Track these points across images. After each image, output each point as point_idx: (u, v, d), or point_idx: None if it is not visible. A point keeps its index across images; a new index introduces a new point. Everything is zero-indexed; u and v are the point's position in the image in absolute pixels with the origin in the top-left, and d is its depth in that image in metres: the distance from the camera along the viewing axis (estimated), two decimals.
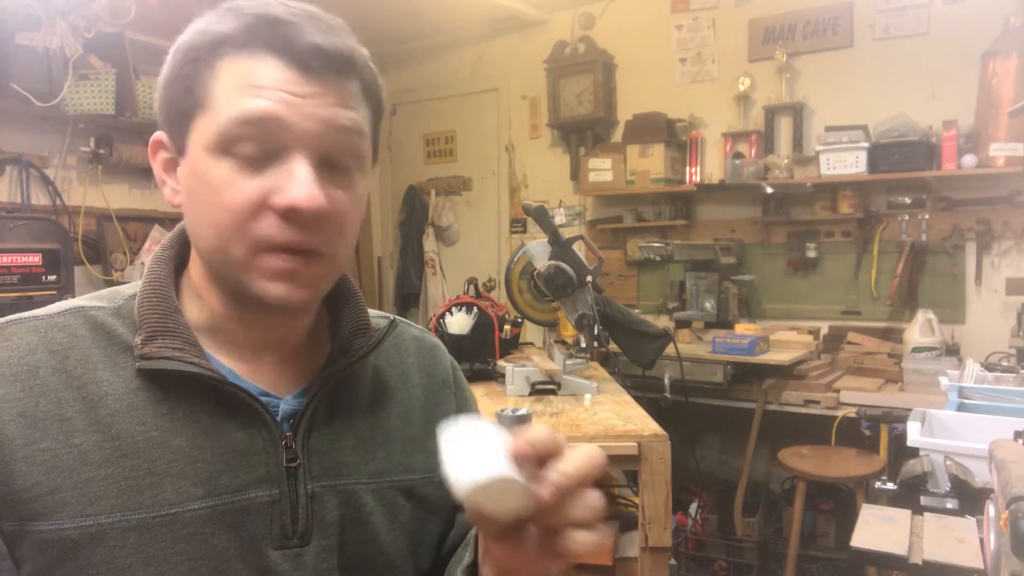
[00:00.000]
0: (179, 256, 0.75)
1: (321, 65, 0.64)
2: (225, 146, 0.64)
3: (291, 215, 0.63)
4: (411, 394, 0.83)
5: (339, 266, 0.71)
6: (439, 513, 0.81)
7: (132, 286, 0.74)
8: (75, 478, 0.63)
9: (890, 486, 1.64)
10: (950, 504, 1.52)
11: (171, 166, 0.70)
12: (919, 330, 3.13)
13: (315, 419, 0.73)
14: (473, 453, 0.53)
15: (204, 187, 0.65)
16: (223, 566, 0.66)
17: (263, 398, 0.70)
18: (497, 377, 2.31)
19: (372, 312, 0.84)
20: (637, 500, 1.76)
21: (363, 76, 0.68)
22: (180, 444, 0.66)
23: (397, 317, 0.87)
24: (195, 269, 0.73)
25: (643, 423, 1.79)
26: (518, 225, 4.63)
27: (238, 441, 0.68)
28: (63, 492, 0.62)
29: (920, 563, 1.25)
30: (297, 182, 0.63)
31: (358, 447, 0.75)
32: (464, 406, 0.88)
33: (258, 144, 0.63)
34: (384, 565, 0.76)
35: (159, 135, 0.70)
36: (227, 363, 0.72)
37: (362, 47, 0.69)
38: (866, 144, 3.26)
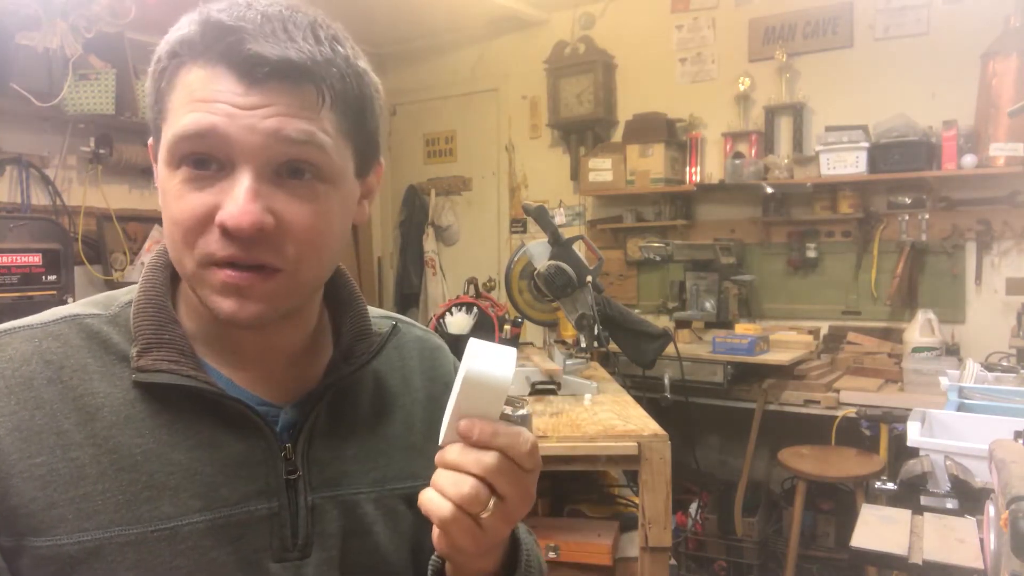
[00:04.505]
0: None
1: (265, 75, 0.60)
2: (175, 160, 0.63)
3: (228, 231, 0.61)
4: (413, 399, 0.82)
5: (306, 281, 0.67)
6: None
7: (128, 291, 0.73)
8: (72, 493, 0.62)
9: (890, 486, 1.64)
10: (950, 504, 1.52)
11: None
12: (919, 330, 3.13)
13: (315, 429, 0.72)
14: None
15: (163, 199, 0.65)
16: None
17: (262, 408, 0.69)
18: None
19: (374, 311, 0.83)
20: (637, 500, 1.76)
21: (327, 81, 0.63)
22: (178, 457, 0.65)
23: (399, 318, 0.86)
24: None
25: (643, 423, 1.79)
26: (518, 225, 4.63)
27: (237, 453, 0.67)
28: (60, 507, 0.61)
29: (920, 563, 1.25)
30: (232, 199, 0.61)
31: (359, 456, 0.75)
32: None
33: (204, 157, 0.62)
34: (386, 574, 0.75)
35: (150, 142, 0.69)
36: (225, 372, 0.70)
37: (338, 48, 0.65)
38: (866, 144, 3.26)
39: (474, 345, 0.61)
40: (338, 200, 0.67)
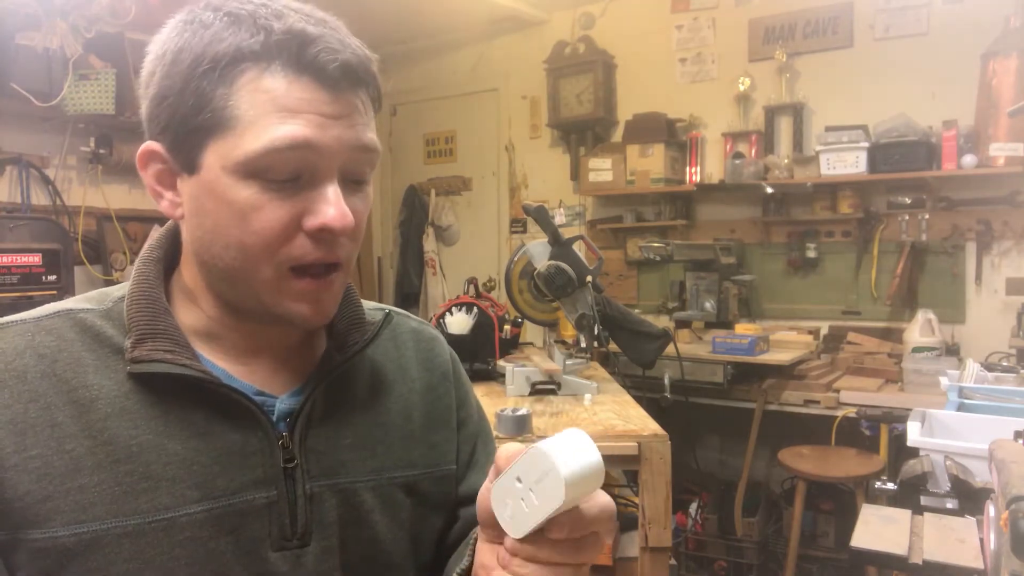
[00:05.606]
0: (168, 257, 0.73)
1: (349, 84, 0.64)
2: (256, 172, 0.62)
3: (323, 235, 0.64)
4: (410, 388, 0.82)
5: (350, 274, 0.72)
6: (440, 508, 0.81)
7: (121, 287, 0.73)
8: (68, 485, 0.62)
9: (890, 486, 1.64)
10: (950, 504, 1.52)
11: (167, 178, 0.68)
12: (919, 330, 3.13)
13: (312, 417, 0.72)
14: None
15: (226, 209, 0.63)
16: (222, 570, 0.65)
17: (258, 398, 0.69)
18: (497, 377, 2.31)
19: (368, 304, 0.83)
20: (637, 500, 1.76)
21: (374, 82, 0.67)
22: (175, 447, 0.65)
23: (393, 309, 0.86)
24: (188, 274, 0.71)
25: (643, 423, 1.79)
26: (518, 225, 4.63)
27: (233, 443, 0.67)
28: (56, 499, 0.61)
29: (920, 563, 1.25)
30: (330, 203, 0.63)
31: (356, 444, 0.75)
32: (463, 398, 0.88)
33: (290, 168, 0.63)
34: (385, 564, 0.75)
35: (153, 146, 0.67)
36: (220, 364, 0.71)
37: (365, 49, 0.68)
38: (866, 144, 3.26)
39: (546, 445, 0.54)
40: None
